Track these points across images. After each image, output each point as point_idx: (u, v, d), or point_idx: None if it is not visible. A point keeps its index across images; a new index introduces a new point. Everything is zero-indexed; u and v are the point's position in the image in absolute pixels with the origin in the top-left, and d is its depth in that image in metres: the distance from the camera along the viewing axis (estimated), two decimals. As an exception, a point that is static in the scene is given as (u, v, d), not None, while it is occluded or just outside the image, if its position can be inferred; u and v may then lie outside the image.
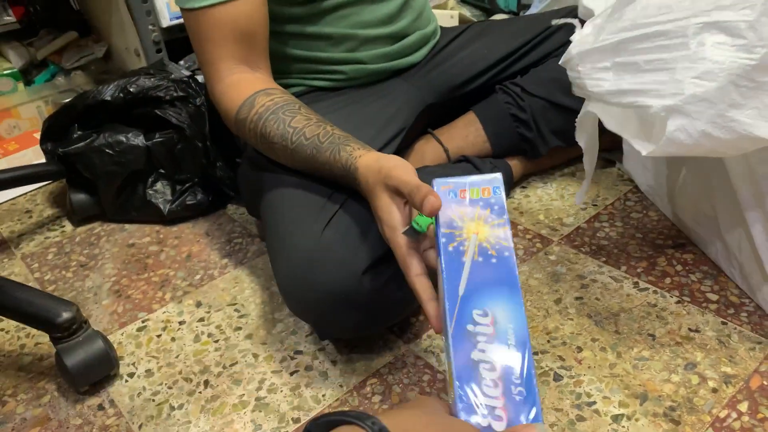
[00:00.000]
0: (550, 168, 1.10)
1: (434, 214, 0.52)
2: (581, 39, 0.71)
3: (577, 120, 0.75)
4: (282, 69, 0.89)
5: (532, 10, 1.55)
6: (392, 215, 0.59)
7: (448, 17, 1.57)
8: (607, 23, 0.68)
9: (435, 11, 1.58)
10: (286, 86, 0.90)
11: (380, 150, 0.84)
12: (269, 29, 0.80)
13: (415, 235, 0.57)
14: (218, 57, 0.75)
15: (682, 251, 0.88)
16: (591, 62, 0.69)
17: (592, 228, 0.95)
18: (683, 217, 0.90)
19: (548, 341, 0.76)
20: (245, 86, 0.74)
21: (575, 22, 0.86)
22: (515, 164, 1.04)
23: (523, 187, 1.07)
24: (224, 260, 0.97)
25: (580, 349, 0.74)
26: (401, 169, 0.59)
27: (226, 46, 0.74)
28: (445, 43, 1.03)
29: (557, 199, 1.03)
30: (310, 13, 0.86)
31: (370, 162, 0.64)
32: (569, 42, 1.02)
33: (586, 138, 0.76)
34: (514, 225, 0.98)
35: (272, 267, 0.73)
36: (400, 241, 0.58)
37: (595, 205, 1.00)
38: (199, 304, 0.88)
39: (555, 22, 0.98)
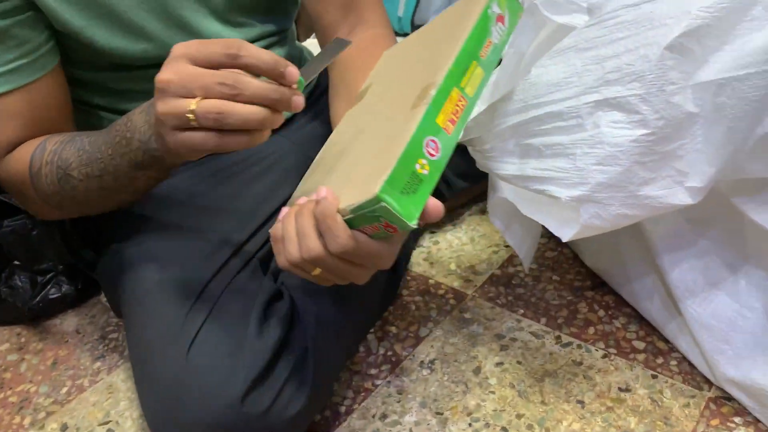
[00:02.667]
0: (459, 207, 1.02)
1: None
2: (476, 120, 0.65)
3: (488, 205, 0.69)
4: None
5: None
6: None
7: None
8: (499, 104, 0.61)
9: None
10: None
11: (262, 225, 0.73)
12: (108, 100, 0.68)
13: None
14: (4, 142, 0.63)
15: (602, 292, 0.81)
16: (493, 143, 0.63)
17: (507, 274, 0.87)
18: (591, 260, 0.84)
19: (470, 424, 0.67)
20: (30, 143, 0.63)
21: None
22: (420, 210, 0.95)
23: (432, 232, 0.99)
24: (96, 364, 0.83)
25: (505, 430, 0.66)
26: None
27: (9, 133, 0.62)
28: (326, 84, 0.93)
29: (468, 243, 0.95)
30: (124, 82, 0.71)
31: None
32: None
33: (501, 223, 0.71)
34: (424, 279, 0.89)
35: (137, 393, 0.60)
36: None
37: (507, 247, 0.93)
38: (65, 428, 0.74)
39: None
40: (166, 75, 0.44)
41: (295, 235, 0.47)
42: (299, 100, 0.46)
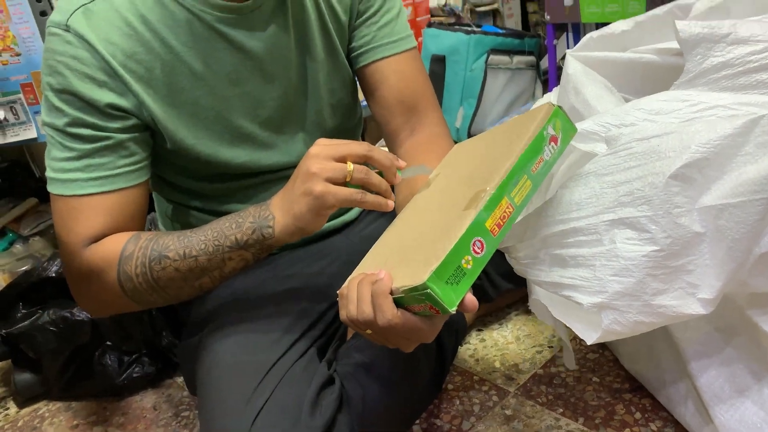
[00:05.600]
0: (506, 306, 1.09)
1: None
2: (512, 230, 0.74)
3: (530, 304, 0.76)
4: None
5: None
6: None
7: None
8: (531, 218, 0.70)
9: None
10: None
11: (323, 316, 0.82)
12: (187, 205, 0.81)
13: None
14: (85, 236, 0.70)
15: (640, 395, 0.84)
16: (526, 252, 0.71)
17: (549, 374, 0.92)
18: (629, 363, 0.88)
19: None
20: (119, 235, 0.71)
21: None
22: (467, 309, 1.02)
23: (479, 330, 1.05)
24: (169, 439, 0.92)
25: None
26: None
27: (96, 226, 0.70)
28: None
29: (513, 342, 1.00)
30: (220, 191, 0.85)
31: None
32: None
33: (546, 316, 0.77)
34: (470, 375, 0.94)
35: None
36: None
37: (551, 347, 0.97)
38: (138, 496, 0.83)
39: None
40: (316, 149, 0.64)
41: (356, 298, 0.57)
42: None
